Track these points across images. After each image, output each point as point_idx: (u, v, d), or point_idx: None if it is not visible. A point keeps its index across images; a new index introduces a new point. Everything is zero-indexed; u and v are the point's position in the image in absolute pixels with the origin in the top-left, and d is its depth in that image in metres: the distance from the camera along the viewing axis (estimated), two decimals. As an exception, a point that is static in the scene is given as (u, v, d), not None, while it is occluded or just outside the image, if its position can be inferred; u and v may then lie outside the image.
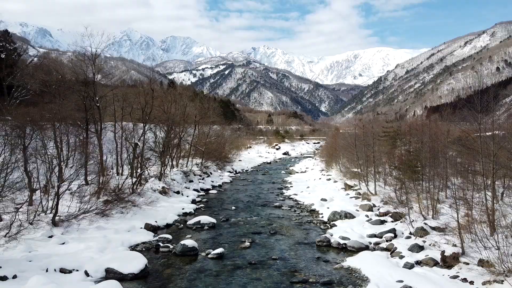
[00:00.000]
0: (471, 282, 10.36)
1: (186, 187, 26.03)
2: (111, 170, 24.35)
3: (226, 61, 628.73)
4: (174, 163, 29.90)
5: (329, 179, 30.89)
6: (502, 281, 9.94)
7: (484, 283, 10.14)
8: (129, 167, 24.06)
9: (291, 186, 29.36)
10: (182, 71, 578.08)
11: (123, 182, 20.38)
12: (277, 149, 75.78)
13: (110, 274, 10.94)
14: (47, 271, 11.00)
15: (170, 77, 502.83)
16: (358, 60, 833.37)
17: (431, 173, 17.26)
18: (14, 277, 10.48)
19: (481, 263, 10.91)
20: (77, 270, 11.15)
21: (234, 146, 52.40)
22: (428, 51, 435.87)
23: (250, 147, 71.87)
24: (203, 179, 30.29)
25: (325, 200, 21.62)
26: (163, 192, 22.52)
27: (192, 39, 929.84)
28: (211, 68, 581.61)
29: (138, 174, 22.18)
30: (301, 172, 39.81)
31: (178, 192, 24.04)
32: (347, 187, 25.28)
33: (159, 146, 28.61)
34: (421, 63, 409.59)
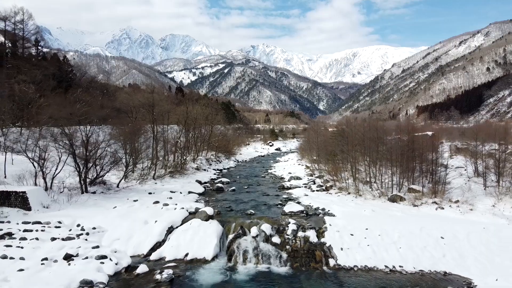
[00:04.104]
0: (331, 194, 26.77)
1: (208, 168, 42.44)
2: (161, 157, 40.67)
3: (225, 59, 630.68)
4: (199, 153, 46.27)
5: (299, 164, 47.30)
6: (341, 192, 26.46)
7: (336, 193, 26.58)
8: (172, 155, 40.36)
9: (274, 168, 45.76)
10: (181, 70, 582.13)
11: (177, 163, 36.79)
12: (270, 145, 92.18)
13: (190, 193, 27.29)
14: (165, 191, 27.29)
15: (170, 75, 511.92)
16: (357, 58, 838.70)
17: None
18: (154, 193, 26.73)
19: (339, 188, 27.39)
20: (177, 192, 27.42)
21: (236, 143, 68.87)
22: (425, 50, 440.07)
23: (249, 144, 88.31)
24: (217, 164, 46.72)
25: (290, 173, 37.96)
26: (197, 169, 38.90)
27: (191, 38, 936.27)
28: (211, 66, 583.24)
29: (184, 158, 38.54)
30: (284, 161, 56.16)
31: (205, 170, 40.46)
32: (306, 167, 41.69)
33: (190, 142, 45.14)
34: (417, 62, 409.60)
